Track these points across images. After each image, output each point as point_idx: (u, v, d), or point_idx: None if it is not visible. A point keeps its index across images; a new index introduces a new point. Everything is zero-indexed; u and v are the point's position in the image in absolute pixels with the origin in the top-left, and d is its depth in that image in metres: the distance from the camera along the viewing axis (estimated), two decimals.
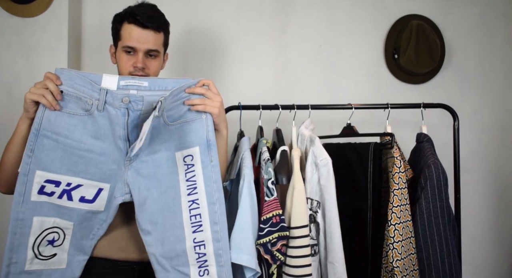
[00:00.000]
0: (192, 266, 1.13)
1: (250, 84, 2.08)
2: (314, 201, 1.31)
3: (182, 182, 1.15)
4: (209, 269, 1.14)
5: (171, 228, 1.14)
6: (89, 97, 1.11)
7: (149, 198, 1.14)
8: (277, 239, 1.18)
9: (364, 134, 1.56)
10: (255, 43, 2.09)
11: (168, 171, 1.16)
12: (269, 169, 1.25)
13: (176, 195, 1.15)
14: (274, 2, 2.10)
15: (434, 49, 2.03)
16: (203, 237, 1.14)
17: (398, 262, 1.33)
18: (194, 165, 1.16)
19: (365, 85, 2.14)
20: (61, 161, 1.09)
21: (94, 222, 1.14)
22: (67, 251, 1.12)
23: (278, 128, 1.48)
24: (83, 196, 1.11)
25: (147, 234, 1.13)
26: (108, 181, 1.13)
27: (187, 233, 1.14)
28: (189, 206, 1.14)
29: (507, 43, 2.20)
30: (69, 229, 1.12)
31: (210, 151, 1.16)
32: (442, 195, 1.39)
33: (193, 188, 1.15)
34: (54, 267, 1.10)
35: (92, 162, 1.12)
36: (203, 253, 1.14)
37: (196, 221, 1.14)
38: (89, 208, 1.12)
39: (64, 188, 1.10)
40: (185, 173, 1.16)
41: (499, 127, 2.19)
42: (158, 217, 1.14)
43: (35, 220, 1.07)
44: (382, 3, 2.16)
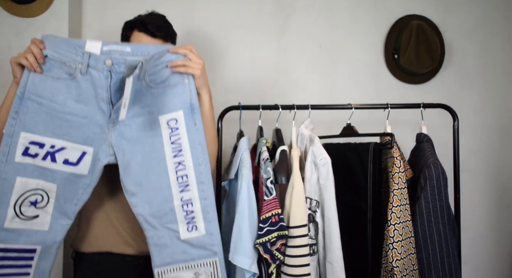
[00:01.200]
0: (181, 223, 1.18)
1: (250, 84, 2.08)
2: (313, 201, 1.31)
3: (167, 145, 1.20)
4: (197, 225, 1.19)
5: (157, 189, 1.19)
6: (72, 61, 1.14)
7: (133, 161, 1.18)
8: (276, 238, 1.18)
9: (364, 134, 1.56)
10: (255, 43, 2.09)
11: (152, 134, 1.20)
12: (268, 168, 1.25)
13: (160, 158, 1.19)
14: (274, 2, 2.11)
15: (434, 49, 2.03)
16: (190, 196, 1.19)
17: (397, 262, 1.33)
18: (179, 128, 1.20)
19: (365, 85, 2.14)
20: (45, 124, 1.13)
21: (78, 186, 1.16)
22: (51, 214, 1.13)
23: (278, 128, 1.48)
24: (66, 158, 1.14)
25: (132, 195, 1.17)
26: (91, 144, 1.16)
27: (174, 192, 1.19)
28: (176, 167, 1.19)
29: (507, 43, 2.20)
30: (52, 192, 1.13)
31: (194, 115, 1.20)
32: (442, 195, 1.39)
33: (178, 150, 1.20)
34: (36, 228, 1.12)
35: (75, 125, 1.15)
36: (191, 211, 1.19)
37: (183, 181, 1.19)
38: (72, 171, 1.15)
39: (48, 150, 1.12)
40: (170, 136, 1.20)
41: (499, 127, 2.19)
42: (143, 179, 1.18)
43: (18, 180, 1.09)
44: (382, 3, 2.16)
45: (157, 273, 1.17)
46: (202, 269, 1.19)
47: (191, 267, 1.19)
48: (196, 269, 1.19)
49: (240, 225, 1.21)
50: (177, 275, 1.18)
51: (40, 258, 1.13)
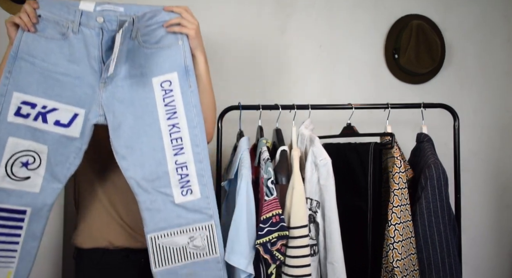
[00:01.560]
0: (175, 187, 1.17)
1: (250, 84, 2.08)
2: (313, 201, 1.31)
3: (160, 107, 1.18)
4: (192, 188, 1.17)
5: (150, 152, 1.16)
6: (65, 20, 1.13)
7: (124, 123, 1.16)
8: (276, 238, 1.18)
9: (364, 134, 1.56)
10: (255, 43, 2.09)
11: (145, 96, 1.17)
12: (269, 168, 1.25)
13: (153, 120, 1.17)
14: (274, 2, 2.10)
15: (434, 49, 2.03)
16: (185, 159, 1.17)
17: (398, 262, 1.32)
18: (173, 90, 1.18)
19: (365, 85, 2.13)
20: (38, 84, 1.11)
21: (70, 149, 1.14)
22: (43, 176, 1.12)
23: (278, 128, 1.48)
24: (58, 119, 1.13)
25: (122, 158, 1.15)
26: (83, 105, 1.14)
27: (168, 156, 1.17)
28: (170, 129, 1.17)
29: (507, 43, 2.20)
30: (44, 154, 1.12)
31: (188, 77, 1.19)
32: (443, 195, 1.39)
33: (172, 112, 1.18)
34: (26, 189, 1.11)
35: (67, 85, 1.14)
36: (186, 174, 1.17)
37: (178, 144, 1.17)
38: (63, 133, 1.13)
39: (39, 110, 1.11)
40: (163, 98, 1.18)
41: (499, 127, 2.19)
42: (134, 142, 1.16)
43: (10, 140, 1.09)
44: (382, 3, 2.16)
45: (150, 238, 1.15)
46: (197, 233, 1.17)
47: (186, 231, 1.17)
48: (191, 233, 1.17)
49: (238, 225, 1.21)
50: (171, 240, 1.16)
51: (31, 221, 1.11)
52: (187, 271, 1.17)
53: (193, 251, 1.17)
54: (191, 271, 1.18)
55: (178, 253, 1.17)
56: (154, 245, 1.15)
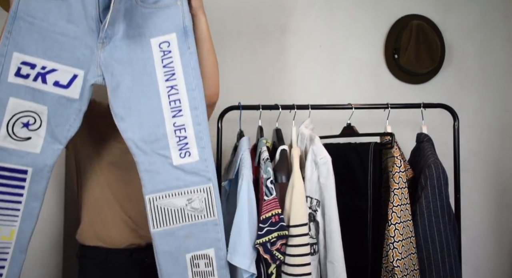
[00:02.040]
0: (173, 149, 1.17)
1: (250, 84, 2.08)
2: (313, 200, 1.31)
3: (159, 68, 1.17)
4: (190, 151, 1.18)
5: (148, 113, 1.17)
6: None
7: (122, 83, 1.16)
8: (276, 238, 1.18)
9: (364, 134, 1.56)
10: (255, 43, 2.09)
11: (143, 56, 1.17)
12: (268, 168, 1.25)
13: (151, 81, 1.17)
14: (274, 2, 2.11)
15: (434, 49, 2.03)
16: (183, 121, 1.18)
17: (398, 262, 1.32)
18: (171, 51, 1.18)
19: (365, 85, 2.14)
20: (37, 44, 1.11)
21: (70, 111, 1.15)
22: (43, 137, 1.13)
23: (278, 128, 1.48)
24: (57, 80, 1.13)
25: (120, 119, 1.16)
26: (82, 66, 1.14)
27: (166, 117, 1.17)
28: (168, 91, 1.17)
29: (507, 43, 2.20)
30: (44, 114, 1.13)
31: (187, 38, 1.18)
32: (443, 194, 1.39)
33: (171, 74, 1.18)
34: (27, 149, 1.12)
35: (66, 46, 1.13)
36: (184, 136, 1.18)
37: (176, 106, 1.17)
38: (63, 94, 1.14)
39: (39, 71, 1.11)
40: (162, 59, 1.17)
41: (499, 127, 2.19)
42: (132, 103, 1.16)
43: (11, 100, 1.09)
44: (382, 3, 2.16)
45: (148, 199, 1.16)
46: (195, 195, 1.18)
47: (184, 193, 1.18)
48: (189, 195, 1.18)
49: (239, 225, 1.21)
50: (169, 202, 1.17)
51: (32, 181, 1.13)
52: (185, 233, 1.18)
53: (191, 213, 1.18)
54: (189, 232, 1.19)
55: (176, 215, 1.18)
56: (152, 206, 1.16)
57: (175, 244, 1.18)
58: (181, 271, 1.18)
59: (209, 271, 1.20)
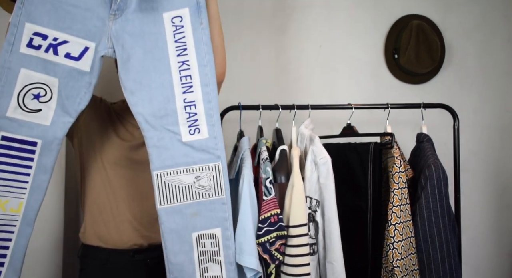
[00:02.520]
0: (182, 125, 1.16)
1: (250, 84, 2.08)
2: (313, 200, 1.31)
3: (170, 43, 1.16)
4: (200, 127, 1.17)
5: (158, 87, 1.15)
6: None
7: (133, 57, 1.14)
8: (275, 238, 1.18)
9: (364, 134, 1.56)
10: (255, 43, 2.09)
11: (155, 30, 1.16)
12: (267, 168, 1.25)
13: (162, 56, 1.16)
14: (274, 2, 2.11)
15: (434, 49, 2.03)
16: (194, 97, 1.16)
17: (398, 262, 1.32)
18: (184, 26, 1.17)
19: (365, 85, 2.14)
20: (49, 15, 1.10)
21: (80, 84, 1.14)
22: (54, 109, 1.12)
23: (278, 128, 1.48)
24: (68, 52, 1.12)
25: (130, 93, 1.14)
26: (93, 39, 1.13)
27: (177, 93, 1.16)
28: (179, 67, 1.16)
29: (507, 43, 2.20)
30: (55, 87, 1.12)
31: (200, 13, 1.17)
32: (442, 194, 1.39)
33: (183, 49, 1.16)
34: (37, 121, 1.11)
35: (77, 17, 1.12)
36: (194, 113, 1.16)
37: (187, 81, 1.16)
38: (74, 66, 1.13)
39: (50, 42, 1.10)
40: (174, 34, 1.16)
41: (499, 127, 2.19)
42: (143, 77, 1.15)
43: (22, 71, 1.08)
44: (382, 3, 2.16)
45: (156, 175, 1.14)
46: (204, 173, 1.16)
47: (193, 170, 1.16)
48: (197, 173, 1.16)
49: (244, 225, 1.20)
50: (177, 178, 1.16)
51: (42, 153, 1.12)
52: (192, 210, 1.16)
53: (199, 191, 1.17)
54: (196, 210, 1.17)
55: (183, 192, 1.16)
56: (160, 182, 1.14)
57: (182, 222, 1.16)
58: (187, 249, 1.16)
59: (215, 251, 1.17)
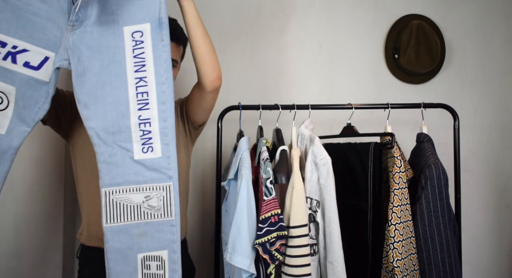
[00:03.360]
0: (135, 143, 1.13)
1: (250, 84, 2.08)
2: (313, 200, 1.31)
3: (129, 57, 1.13)
4: (153, 146, 1.14)
5: (113, 102, 1.12)
6: None
7: (90, 70, 1.11)
8: (275, 238, 1.18)
9: (364, 134, 1.56)
10: (255, 43, 2.09)
11: (114, 44, 1.13)
12: (268, 168, 1.25)
13: (120, 70, 1.13)
14: (274, 2, 2.11)
15: (434, 49, 2.03)
16: (149, 115, 1.13)
17: (398, 262, 1.32)
18: (144, 42, 1.13)
19: (365, 85, 2.14)
20: (9, 22, 1.07)
21: (39, 93, 1.12)
22: (10, 118, 1.09)
23: (278, 128, 1.48)
24: (28, 61, 1.10)
25: (84, 107, 1.11)
26: (53, 49, 1.11)
27: (132, 109, 1.13)
28: (136, 82, 1.13)
29: (507, 43, 2.20)
30: (11, 95, 1.09)
31: (161, 29, 1.14)
32: (443, 194, 1.39)
33: (141, 65, 1.13)
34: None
35: (38, 26, 1.10)
36: (148, 131, 1.14)
37: (143, 98, 1.13)
38: (33, 75, 1.10)
39: (9, 50, 1.08)
40: (133, 48, 1.13)
41: (499, 127, 2.19)
42: (98, 91, 1.12)
43: None
44: (382, 3, 2.16)
45: (104, 192, 1.11)
46: (154, 193, 1.13)
47: (143, 189, 1.13)
48: (147, 192, 1.13)
49: (239, 225, 1.20)
50: (126, 197, 1.13)
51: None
52: (139, 231, 1.13)
53: (148, 211, 1.14)
54: (143, 231, 1.14)
55: (131, 211, 1.13)
56: (107, 199, 1.11)
57: (128, 242, 1.13)
58: (130, 271, 1.12)
59: (160, 274, 1.15)
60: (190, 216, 1.97)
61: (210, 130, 1.49)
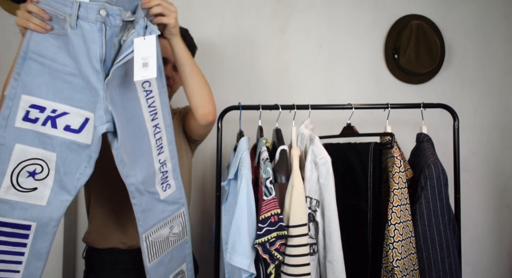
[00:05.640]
0: (158, 185, 1.19)
1: (250, 84, 2.08)
2: (313, 200, 1.31)
3: (145, 108, 1.15)
4: (170, 183, 1.23)
5: (142, 155, 1.15)
6: (63, 13, 1.00)
7: (120, 127, 1.06)
8: (275, 238, 1.18)
9: (364, 134, 1.56)
10: (255, 43, 2.09)
11: (131, 96, 1.11)
12: (268, 168, 1.25)
13: (140, 122, 1.14)
14: (274, 2, 2.11)
15: (434, 49, 2.03)
16: (165, 157, 1.21)
17: (398, 262, 1.32)
18: (152, 91, 1.15)
19: (365, 85, 2.14)
20: (48, 86, 1.03)
21: (81, 157, 1.06)
22: (51, 187, 1.04)
23: (278, 128, 1.48)
24: (68, 124, 1.05)
25: (123, 165, 1.07)
26: (92, 109, 1.06)
27: (154, 156, 1.18)
28: (154, 131, 1.17)
29: (507, 43, 2.20)
30: (52, 162, 1.04)
31: (161, 76, 1.17)
32: (442, 194, 1.39)
33: (154, 113, 1.17)
34: (32, 202, 1.02)
35: (76, 87, 1.05)
36: (165, 171, 1.21)
37: (159, 143, 1.19)
38: (74, 139, 1.05)
39: (48, 114, 1.03)
40: (146, 99, 1.15)
41: (499, 127, 2.19)
42: (129, 146, 1.10)
43: (17, 147, 1.00)
44: (382, 3, 2.16)
45: (144, 238, 1.15)
46: (175, 222, 1.24)
47: (168, 222, 1.22)
48: (171, 223, 1.23)
49: (239, 225, 1.20)
50: (159, 234, 1.20)
51: (36, 237, 1.02)
52: (169, 258, 1.24)
53: (172, 238, 1.24)
54: (171, 256, 1.24)
55: (164, 245, 1.22)
56: (148, 243, 1.17)
57: (163, 270, 1.23)
58: None
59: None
60: (190, 216, 1.97)
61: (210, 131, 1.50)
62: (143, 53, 1.04)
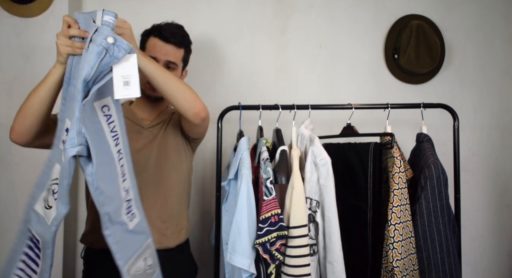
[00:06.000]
0: (124, 215, 1.10)
1: (250, 84, 2.08)
2: (313, 201, 1.31)
3: (108, 133, 1.07)
4: (134, 212, 1.13)
5: (112, 183, 1.07)
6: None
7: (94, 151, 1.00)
8: (276, 238, 1.18)
9: (364, 134, 1.56)
10: (255, 43, 2.09)
11: (94, 121, 1.04)
12: (268, 168, 1.25)
13: (106, 148, 1.06)
14: (274, 2, 2.11)
15: (434, 49, 2.03)
16: (128, 185, 1.12)
17: (398, 262, 1.32)
18: (112, 115, 1.08)
19: (365, 85, 2.14)
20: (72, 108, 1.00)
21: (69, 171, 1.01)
22: (56, 207, 1.03)
23: (278, 128, 1.48)
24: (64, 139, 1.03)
25: (100, 193, 1.01)
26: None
27: (120, 184, 1.10)
28: (118, 156, 1.09)
29: (507, 43, 2.20)
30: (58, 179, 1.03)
31: (118, 102, 1.09)
32: (442, 194, 1.39)
33: (117, 138, 1.09)
34: (47, 219, 1.04)
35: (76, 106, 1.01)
36: (129, 199, 1.12)
37: (123, 170, 1.11)
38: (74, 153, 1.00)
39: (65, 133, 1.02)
40: (107, 123, 1.08)
41: (499, 127, 2.19)
42: (103, 172, 1.04)
43: (56, 166, 1.03)
44: (382, 3, 2.16)
45: (126, 271, 1.09)
46: (146, 253, 1.15)
47: (141, 254, 1.14)
48: (143, 255, 1.14)
49: (239, 225, 1.20)
50: (137, 267, 1.12)
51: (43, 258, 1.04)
52: None
53: (149, 270, 1.16)
54: None
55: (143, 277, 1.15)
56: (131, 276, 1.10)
57: None
58: None
59: None
60: (190, 216, 1.97)
61: (210, 131, 1.50)
62: (122, 71, 1.00)
